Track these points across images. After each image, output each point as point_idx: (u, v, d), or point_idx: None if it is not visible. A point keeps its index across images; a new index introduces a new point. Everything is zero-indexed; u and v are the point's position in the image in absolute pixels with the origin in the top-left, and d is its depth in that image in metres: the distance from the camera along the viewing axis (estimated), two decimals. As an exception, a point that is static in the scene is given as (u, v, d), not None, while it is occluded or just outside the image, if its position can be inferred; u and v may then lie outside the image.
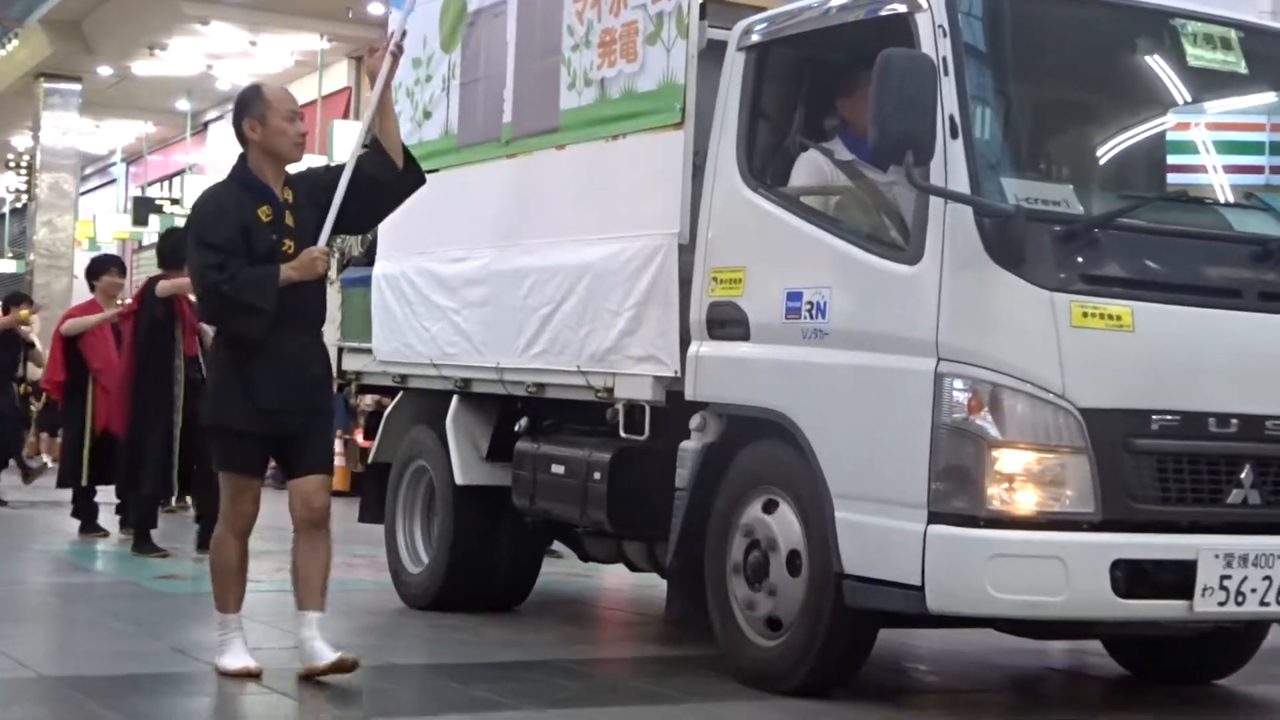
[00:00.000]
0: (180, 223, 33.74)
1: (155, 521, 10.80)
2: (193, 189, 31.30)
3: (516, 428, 7.57)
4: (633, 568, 7.87)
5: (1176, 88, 5.99)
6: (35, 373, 16.00)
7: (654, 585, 8.21)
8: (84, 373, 11.72)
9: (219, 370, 6.13)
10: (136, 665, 6.47)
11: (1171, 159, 5.91)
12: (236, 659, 6.07)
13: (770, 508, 6.06)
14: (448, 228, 7.91)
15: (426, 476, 8.18)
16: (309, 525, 6.08)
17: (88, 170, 41.15)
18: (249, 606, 6.27)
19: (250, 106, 6.10)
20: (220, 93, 33.70)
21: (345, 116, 27.42)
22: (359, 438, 19.78)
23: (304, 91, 30.29)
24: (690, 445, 6.39)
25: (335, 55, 28.88)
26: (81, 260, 35.45)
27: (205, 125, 36.47)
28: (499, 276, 7.54)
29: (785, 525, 5.97)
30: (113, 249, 37.31)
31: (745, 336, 6.20)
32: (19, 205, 39.66)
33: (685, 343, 6.46)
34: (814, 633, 5.82)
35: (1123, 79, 6.08)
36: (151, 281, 10.72)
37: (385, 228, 7.78)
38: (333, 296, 9.16)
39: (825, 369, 5.82)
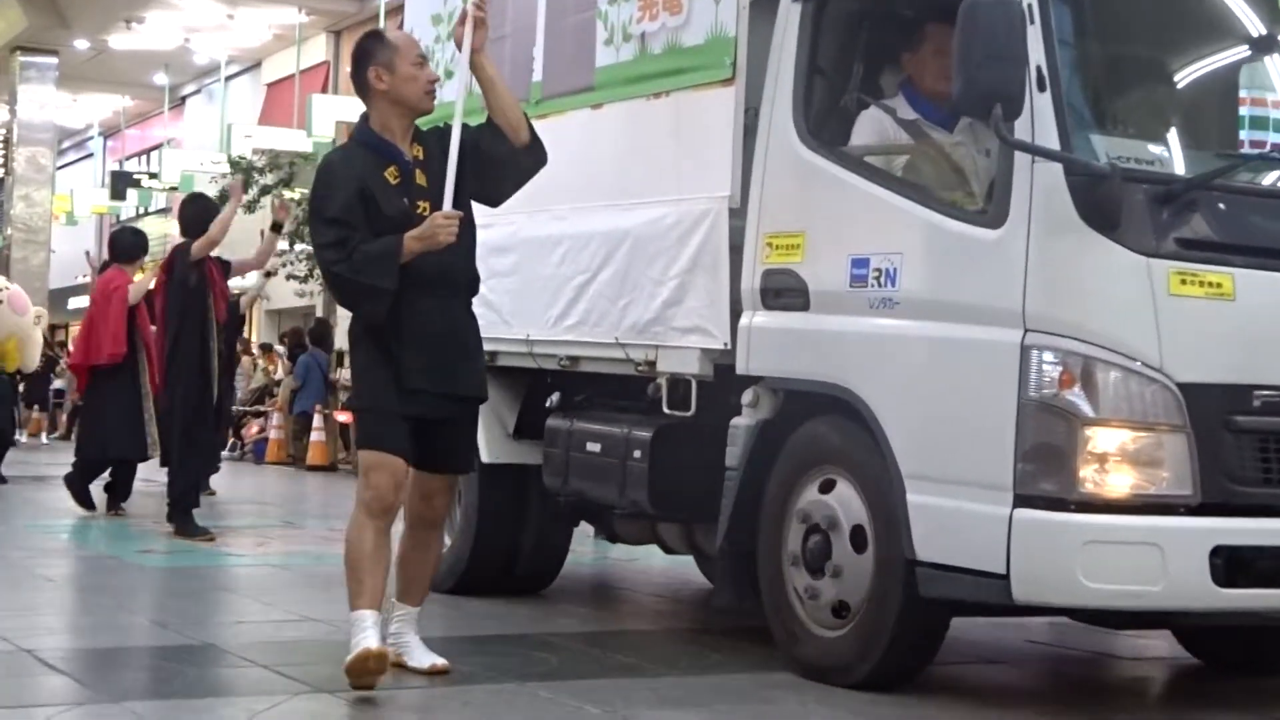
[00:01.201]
0: (162, 198, 33.50)
1: (198, 500, 10.33)
2: (170, 163, 30.93)
3: (548, 403, 7.16)
4: (667, 550, 7.51)
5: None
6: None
7: (669, 565, 7.85)
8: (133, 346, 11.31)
9: (362, 350, 5.54)
10: (117, 639, 6.49)
11: (1276, 115, 5.53)
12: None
13: (828, 487, 5.68)
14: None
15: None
16: (425, 523, 5.67)
17: (65, 144, 40.64)
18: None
19: (374, 54, 5.53)
20: (197, 66, 33.32)
21: (324, 91, 27.04)
22: (338, 416, 19.39)
23: (282, 66, 29.98)
24: (742, 422, 6.00)
25: (313, 29, 28.43)
26: (59, 235, 35.25)
27: (183, 99, 36.17)
28: (528, 244, 7.13)
29: (847, 505, 5.59)
30: (90, 224, 37.05)
31: (804, 306, 5.81)
32: (-5, 180, 39.05)
33: (735, 313, 6.07)
34: (881, 622, 5.45)
35: (1220, 30, 5.67)
36: (177, 250, 10.27)
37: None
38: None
39: (896, 341, 5.43)
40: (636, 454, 6.52)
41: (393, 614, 5.66)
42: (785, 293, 5.87)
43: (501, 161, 5.59)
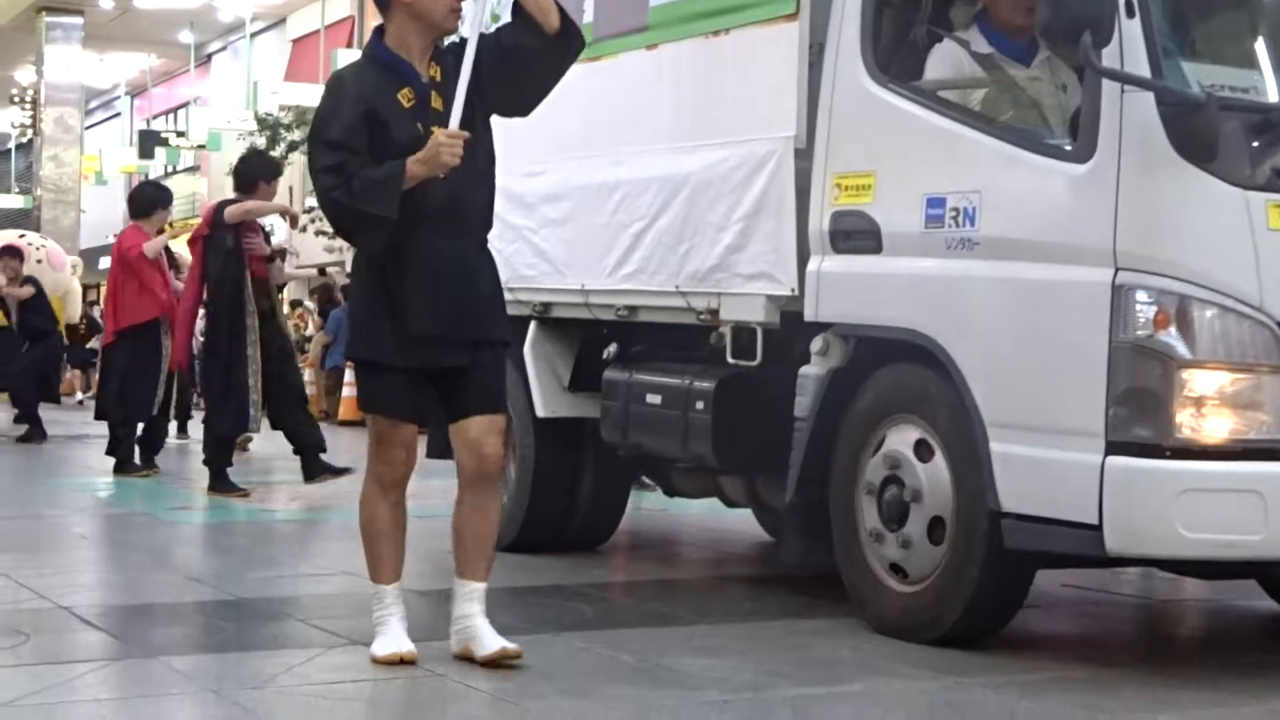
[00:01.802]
0: (190, 156, 33.34)
1: (230, 460, 10.16)
2: (198, 121, 30.78)
3: (605, 355, 6.94)
4: (729, 503, 7.31)
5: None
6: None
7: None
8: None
9: (362, 292, 5.04)
10: (152, 595, 6.43)
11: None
12: (388, 643, 4.99)
13: (904, 437, 5.45)
14: (522, 141, 7.20)
15: (503, 409, 7.56)
16: (476, 477, 5.01)
17: (92, 104, 40.49)
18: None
19: None
20: (222, 24, 33.17)
21: (349, 46, 26.85)
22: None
23: (307, 22, 29.73)
24: (811, 371, 5.78)
25: (338, -15, 28.20)
26: (89, 195, 35.17)
27: (209, 57, 36.02)
28: (583, 191, 6.90)
29: (932, 471, 5.34)
30: (119, 183, 36.93)
31: (876, 249, 5.58)
32: (24, 140, 39.02)
33: (802, 259, 5.84)
34: (963, 576, 5.23)
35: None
36: (220, 206, 10.06)
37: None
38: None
39: (976, 283, 5.20)
40: (699, 406, 6.31)
41: (456, 593, 5.07)
42: (856, 235, 5.64)
43: (528, 54, 4.96)
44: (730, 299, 6.14)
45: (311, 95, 25.29)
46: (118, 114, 42.21)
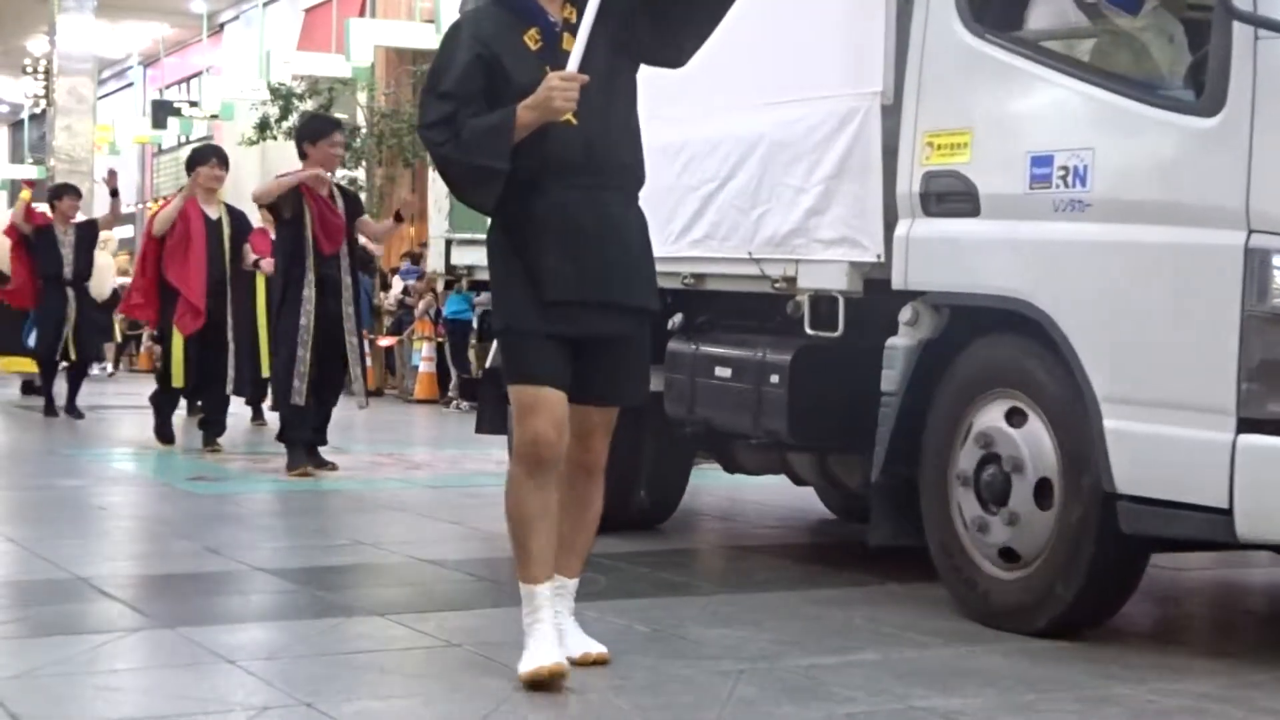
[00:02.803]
0: (203, 126, 32.94)
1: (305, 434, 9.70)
2: (210, 91, 30.45)
3: (669, 326, 6.57)
4: (797, 481, 6.96)
5: None
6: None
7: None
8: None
9: (498, 259, 4.49)
10: (170, 565, 6.40)
11: None
12: (536, 655, 4.28)
13: (1005, 414, 5.10)
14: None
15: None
16: (582, 469, 4.53)
17: (105, 74, 40.14)
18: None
19: None
20: (234, -7, 32.74)
21: (361, 15, 26.57)
22: (381, 341, 18.88)
23: (318, -10, 29.34)
24: (900, 342, 5.42)
25: (351, -48, 27.78)
26: (101, 164, 34.77)
27: (221, 26, 35.68)
28: (648, 153, 6.47)
29: (1028, 432, 5.01)
30: (133, 153, 36.59)
31: (973, 211, 5.21)
32: (38, 111, 38.67)
33: (889, 223, 5.48)
34: (1072, 562, 4.87)
35: None
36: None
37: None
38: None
39: (1088, 247, 4.82)
40: (774, 379, 5.96)
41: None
42: (950, 197, 5.28)
43: None
44: (809, 266, 5.78)
45: (324, 64, 25.01)
46: (131, 84, 41.90)
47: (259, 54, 28.43)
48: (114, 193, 12.68)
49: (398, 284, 19.63)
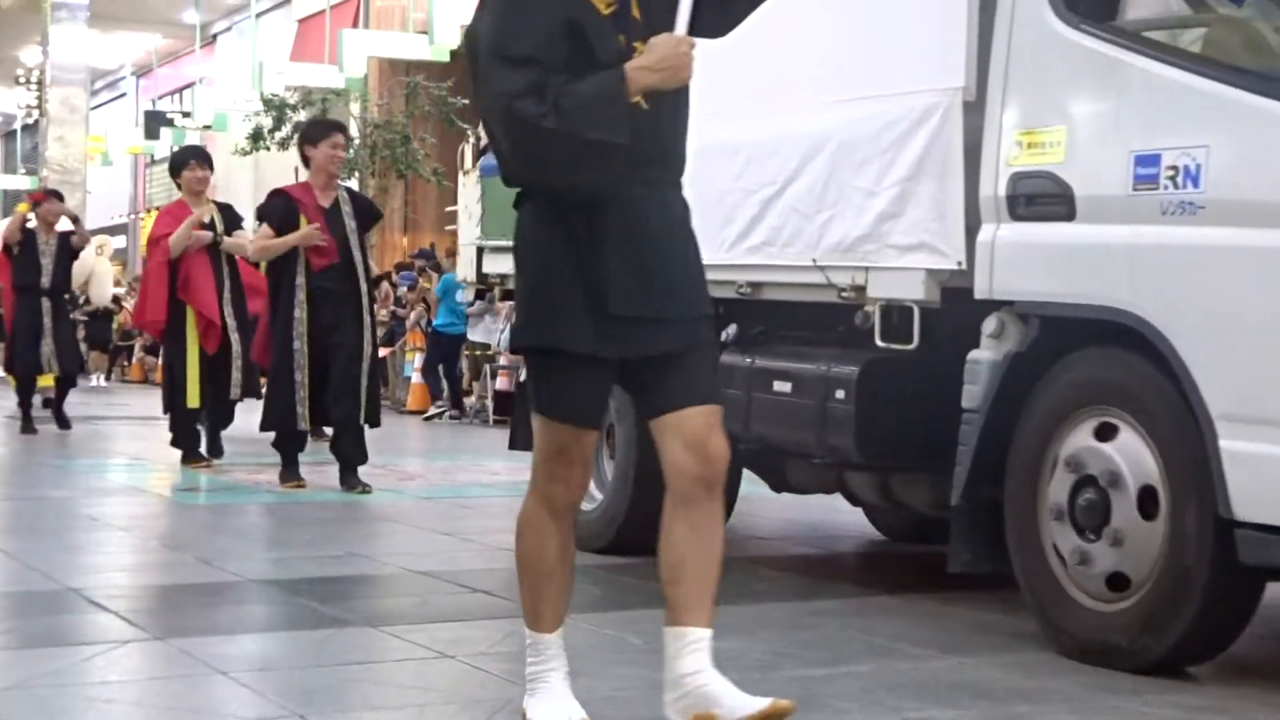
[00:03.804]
0: (196, 137, 32.58)
1: (303, 446, 9.43)
2: (203, 101, 30.14)
3: (723, 337, 6.19)
4: (854, 502, 6.58)
5: None
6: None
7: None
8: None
9: (536, 261, 3.79)
10: (162, 576, 6.41)
11: None
12: (549, 709, 3.81)
13: (1105, 433, 4.72)
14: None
15: (601, 398, 6.80)
16: (701, 485, 3.70)
17: (97, 85, 39.82)
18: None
19: None
20: (228, 4, 32.60)
21: (355, 25, 26.32)
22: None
23: (312, 2, 29.04)
24: (984, 356, 5.05)
25: (344, -36, 27.47)
26: (95, 176, 34.43)
27: (214, 37, 35.44)
28: (700, 154, 5.96)
29: (1131, 454, 4.63)
30: (126, 164, 36.19)
31: (1068, 215, 4.84)
32: (30, 121, 38.39)
33: (971, 227, 5.11)
34: (1180, 594, 4.50)
35: None
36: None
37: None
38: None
39: (1201, 252, 4.45)
40: (839, 394, 5.59)
41: (680, 649, 3.71)
42: (1041, 199, 4.91)
43: None
44: (880, 274, 5.42)
45: (317, 75, 24.66)
46: (123, 94, 41.62)
47: (252, 65, 28.05)
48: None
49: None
